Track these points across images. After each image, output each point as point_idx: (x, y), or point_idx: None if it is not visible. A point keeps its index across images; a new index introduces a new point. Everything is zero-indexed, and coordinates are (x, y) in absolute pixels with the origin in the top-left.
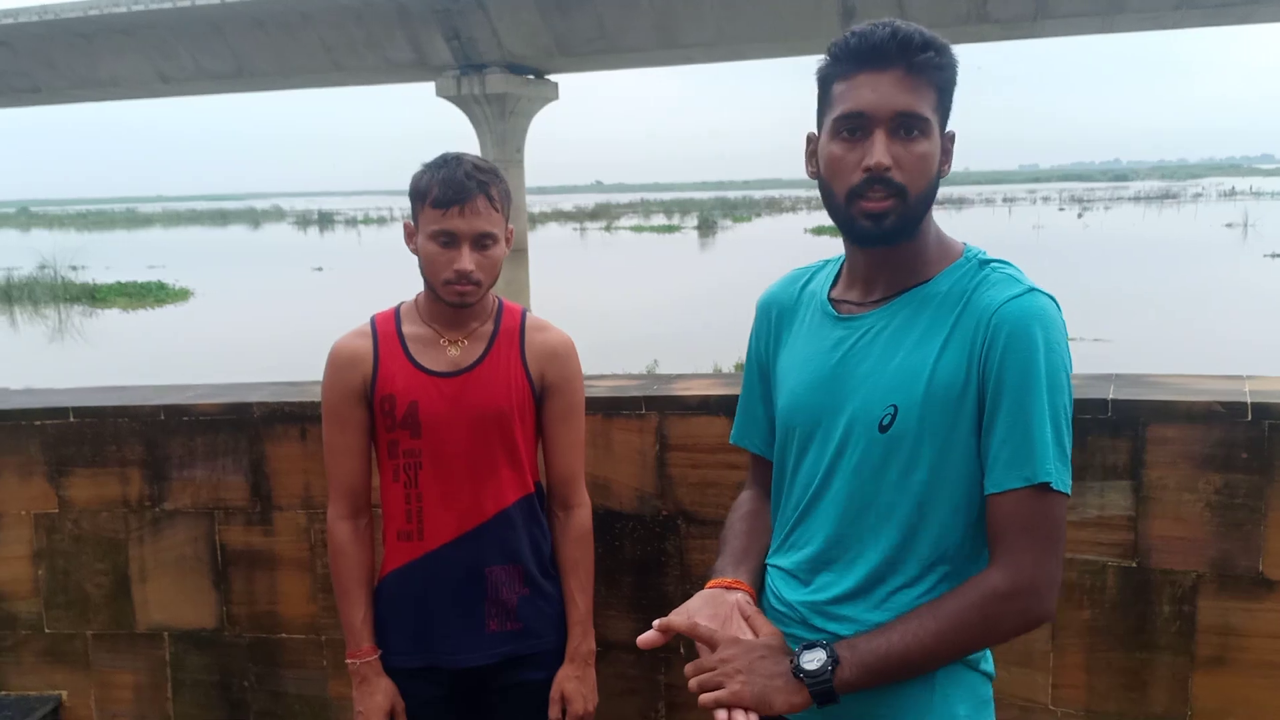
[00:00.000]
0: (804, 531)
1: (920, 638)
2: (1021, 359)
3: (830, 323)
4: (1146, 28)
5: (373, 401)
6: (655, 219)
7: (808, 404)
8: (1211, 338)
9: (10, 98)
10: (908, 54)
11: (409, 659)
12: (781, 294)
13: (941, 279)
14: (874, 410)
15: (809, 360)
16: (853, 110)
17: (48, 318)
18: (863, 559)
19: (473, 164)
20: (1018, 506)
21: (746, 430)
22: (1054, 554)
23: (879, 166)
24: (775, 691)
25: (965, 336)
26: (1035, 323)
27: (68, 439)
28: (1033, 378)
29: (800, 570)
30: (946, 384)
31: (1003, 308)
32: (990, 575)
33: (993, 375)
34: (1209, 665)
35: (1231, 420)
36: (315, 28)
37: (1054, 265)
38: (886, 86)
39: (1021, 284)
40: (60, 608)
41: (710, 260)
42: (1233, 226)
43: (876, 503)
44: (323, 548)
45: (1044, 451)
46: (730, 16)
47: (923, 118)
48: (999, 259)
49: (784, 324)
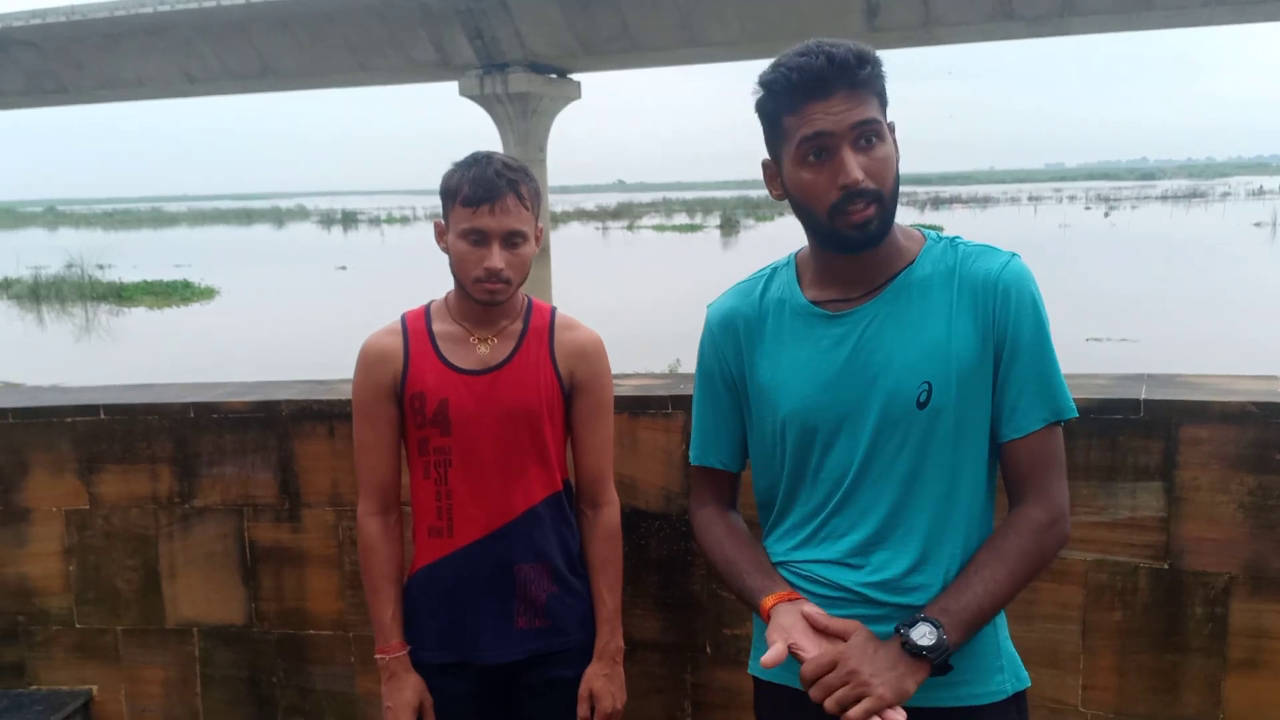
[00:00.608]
0: (843, 520)
1: (999, 582)
2: (1030, 316)
3: (822, 323)
4: (1174, 25)
5: (403, 399)
6: (678, 218)
7: (827, 401)
8: (1241, 337)
9: (38, 98)
10: (847, 74)
11: (438, 655)
12: (742, 305)
13: (921, 263)
14: (908, 390)
15: (811, 360)
16: (815, 133)
17: (75, 316)
18: (915, 532)
19: (503, 162)
20: (1041, 444)
21: (709, 447)
22: (1065, 477)
23: (853, 182)
24: (905, 677)
25: (970, 306)
26: (1030, 283)
27: (98, 436)
28: (1042, 331)
29: (850, 555)
30: (965, 351)
31: (1002, 274)
32: (1031, 511)
33: (1009, 333)
34: (1241, 668)
35: (1265, 421)
36: (339, 28)
37: (1081, 264)
38: (837, 107)
39: (1001, 252)
40: (91, 603)
41: (733, 259)
42: (1261, 225)
43: (923, 476)
44: (351, 545)
45: (1062, 391)
46: (753, 15)
47: (875, 122)
48: (956, 236)
49: (754, 334)
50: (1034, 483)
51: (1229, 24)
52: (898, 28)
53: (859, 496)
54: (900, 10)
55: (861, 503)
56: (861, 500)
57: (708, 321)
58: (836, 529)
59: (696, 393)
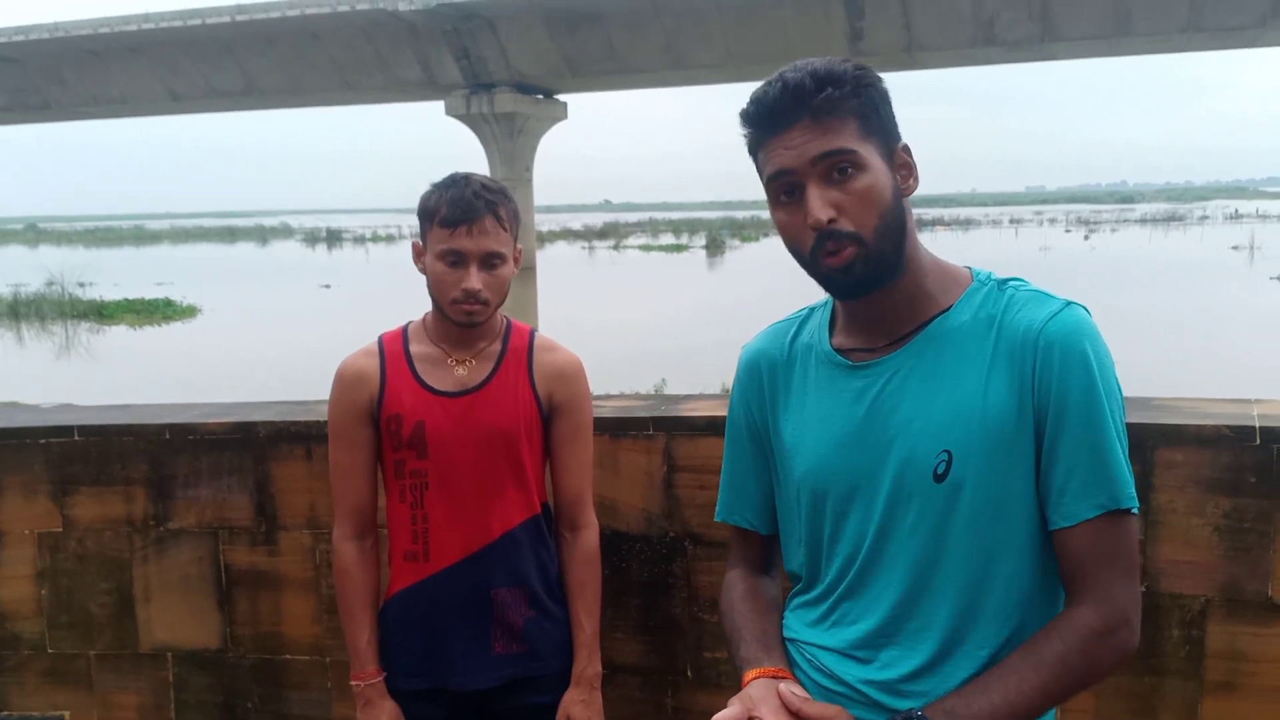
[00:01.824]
0: (856, 604)
1: (1024, 692)
2: (1081, 379)
3: (844, 373)
4: (1154, 50)
5: (379, 421)
6: (663, 238)
7: (840, 464)
8: (1218, 360)
9: (20, 114)
10: (804, 102)
11: (414, 681)
12: (771, 348)
13: (960, 308)
14: (924, 459)
15: (829, 416)
16: (777, 171)
17: (55, 334)
18: (933, 627)
19: (481, 184)
20: (1097, 536)
21: (734, 504)
22: (1137, 578)
23: (818, 224)
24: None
25: (1009, 363)
26: (1084, 339)
27: (72, 458)
28: (1095, 397)
29: (857, 648)
30: (1000, 418)
31: (1047, 326)
32: (1082, 613)
33: (1052, 399)
34: (1218, 690)
35: (1240, 444)
36: (325, 46)
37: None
38: (797, 141)
39: (1055, 299)
40: (63, 627)
41: (718, 280)
42: (1239, 249)
43: (941, 562)
44: (328, 568)
45: (1120, 474)
46: (739, 38)
47: (847, 151)
48: (1014, 277)
49: (779, 381)
50: (1089, 581)
51: (1206, 50)
52: (881, 51)
53: (873, 578)
54: (883, 34)
55: (876, 586)
56: (875, 583)
57: (738, 365)
58: (850, 613)
59: (726, 441)
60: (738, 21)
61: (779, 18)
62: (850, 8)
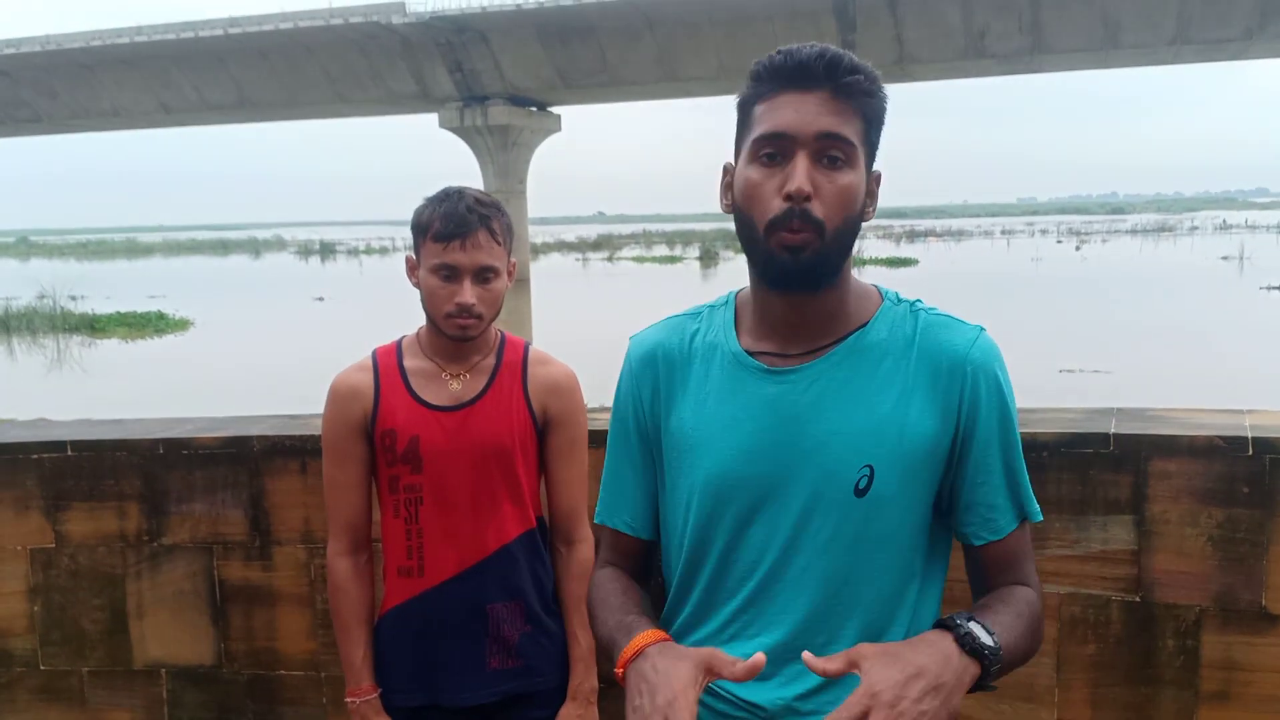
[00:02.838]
0: (758, 617)
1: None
2: (999, 406)
3: (755, 377)
4: (1142, 63)
5: (373, 436)
6: (657, 249)
7: (749, 472)
8: (1210, 370)
9: (11, 127)
10: (835, 75)
11: (409, 697)
12: (667, 342)
13: (876, 325)
14: (845, 473)
15: (736, 421)
16: (773, 130)
17: (46, 348)
18: (841, 641)
19: (474, 198)
20: (1016, 544)
21: (616, 506)
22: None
23: (799, 193)
24: (956, 689)
25: (933, 386)
26: (998, 366)
27: (65, 473)
28: (1010, 422)
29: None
30: (918, 437)
31: (971, 353)
32: (1026, 592)
33: (979, 424)
34: (1213, 700)
35: (1232, 455)
36: (318, 59)
37: (1053, 297)
38: (811, 107)
39: (967, 325)
40: (56, 644)
41: (712, 291)
42: (1229, 259)
43: (854, 576)
44: (322, 583)
45: (1029, 490)
46: (730, 50)
47: (848, 142)
48: (917, 299)
49: (676, 376)
50: (1018, 575)
51: (1194, 63)
52: (872, 64)
53: (778, 591)
54: (875, 47)
55: (782, 599)
56: (781, 596)
57: (628, 355)
58: (748, 626)
59: (609, 438)
60: (729, 34)
61: (770, 30)
62: (842, 20)
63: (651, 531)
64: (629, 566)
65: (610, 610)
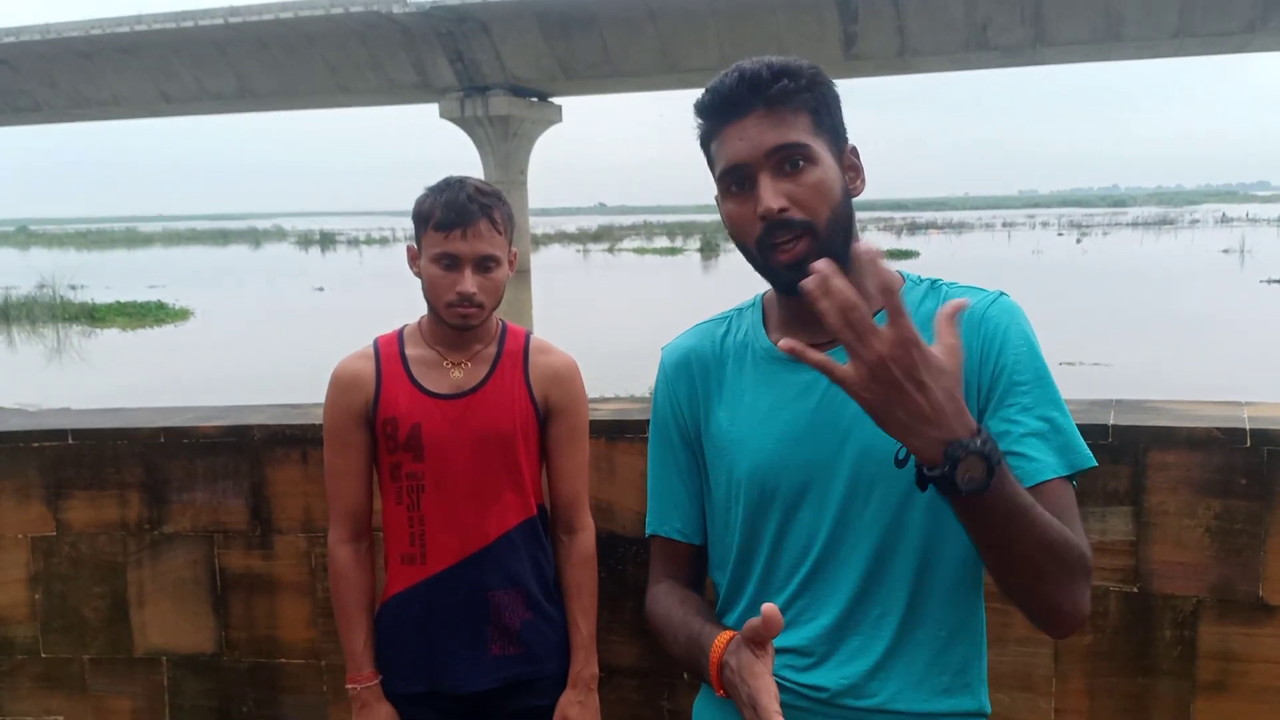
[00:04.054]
0: (813, 601)
1: (1042, 518)
2: (1028, 354)
3: (786, 367)
4: (1144, 56)
5: (375, 424)
6: (658, 241)
7: (792, 460)
8: (1210, 363)
9: (11, 116)
10: (761, 91)
11: (410, 684)
12: (700, 346)
13: None
14: (883, 446)
15: (774, 412)
16: (730, 165)
17: (46, 337)
18: (893, 612)
19: (475, 187)
20: (1056, 495)
21: (666, 513)
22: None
23: (769, 213)
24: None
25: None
26: (1021, 318)
27: (66, 461)
28: (1040, 365)
29: (816, 645)
30: None
31: (989, 311)
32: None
33: (1004, 372)
34: (1210, 690)
35: (1231, 446)
36: (319, 49)
37: (1055, 289)
38: (752, 131)
39: (987, 290)
40: (57, 632)
41: (713, 282)
42: (1230, 252)
43: (898, 545)
44: (323, 572)
45: (1075, 434)
46: (733, 41)
47: (800, 145)
48: (938, 277)
49: (712, 379)
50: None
51: (1196, 55)
52: (874, 56)
53: (829, 573)
54: (877, 39)
55: (833, 580)
56: (832, 577)
57: (662, 364)
58: (804, 611)
59: (651, 449)
60: (731, 25)
61: (772, 22)
62: (844, 12)
63: (702, 537)
64: (683, 575)
65: (676, 627)
